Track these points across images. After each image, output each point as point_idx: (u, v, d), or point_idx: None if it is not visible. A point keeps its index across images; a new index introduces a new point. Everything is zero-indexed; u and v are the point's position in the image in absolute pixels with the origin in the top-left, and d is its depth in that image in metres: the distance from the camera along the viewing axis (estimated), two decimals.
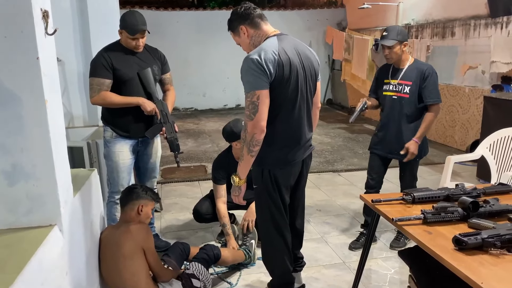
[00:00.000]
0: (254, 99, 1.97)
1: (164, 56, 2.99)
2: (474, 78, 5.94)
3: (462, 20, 6.11)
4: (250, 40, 2.14)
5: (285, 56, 2.03)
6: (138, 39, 2.73)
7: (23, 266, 1.27)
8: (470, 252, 1.59)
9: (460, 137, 6.24)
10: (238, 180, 2.14)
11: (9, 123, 1.46)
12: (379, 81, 3.14)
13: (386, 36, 2.92)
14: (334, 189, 4.50)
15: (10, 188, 1.51)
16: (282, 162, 2.17)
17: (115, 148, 2.84)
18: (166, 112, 2.82)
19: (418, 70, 2.94)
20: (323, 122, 8.45)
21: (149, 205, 2.38)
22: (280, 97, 2.05)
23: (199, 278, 2.43)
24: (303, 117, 2.18)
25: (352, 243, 3.23)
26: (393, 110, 3.01)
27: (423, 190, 2.12)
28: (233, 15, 2.15)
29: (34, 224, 1.55)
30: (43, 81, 1.47)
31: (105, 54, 2.73)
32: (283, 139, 2.14)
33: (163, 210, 4.05)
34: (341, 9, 10.37)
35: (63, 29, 3.48)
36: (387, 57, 2.98)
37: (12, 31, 1.41)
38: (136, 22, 2.67)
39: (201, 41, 9.67)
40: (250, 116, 1.98)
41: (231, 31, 2.20)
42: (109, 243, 2.26)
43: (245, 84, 2.02)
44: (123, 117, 2.80)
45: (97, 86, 2.69)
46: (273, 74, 1.98)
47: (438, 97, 2.95)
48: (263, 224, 2.33)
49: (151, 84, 2.80)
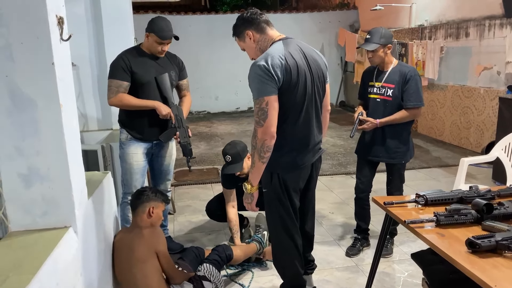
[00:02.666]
0: (263, 105, 1.97)
1: (182, 62, 3.04)
2: (489, 79, 5.86)
3: (476, 21, 6.04)
4: (256, 45, 2.14)
5: (292, 61, 2.03)
6: (165, 45, 2.78)
7: (39, 267, 1.29)
8: (484, 255, 1.57)
9: (475, 139, 6.16)
10: (250, 187, 2.15)
11: (25, 127, 1.50)
12: (365, 84, 3.12)
13: (369, 40, 2.89)
14: (347, 191, 4.48)
15: (26, 191, 1.55)
16: (291, 166, 2.17)
17: (130, 150, 2.88)
18: (181, 117, 2.85)
19: (400, 73, 2.91)
20: (335, 124, 8.42)
21: (160, 206, 2.39)
22: (288, 102, 2.05)
23: (210, 280, 2.44)
24: (311, 121, 2.18)
25: (349, 249, 3.18)
26: (377, 112, 2.97)
27: (436, 192, 2.11)
28: (239, 20, 2.16)
29: (50, 226, 1.58)
30: (58, 86, 1.50)
31: (125, 57, 2.78)
32: (292, 143, 2.14)
33: (176, 213, 4.08)
34: (354, 10, 10.34)
35: (77, 35, 3.55)
36: (370, 60, 2.96)
37: (28, 37, 1.44)
38: (167, 28, 2.74)
39: (214, 44, 9.73)
40: (259, 122, 1.99)
41: (236, 37, 2.21)
42: (122, 247, 2.28)
43: (253, 90, 2.02)
44: (138, 119, 2.84)
45: (115, 87, 2.74)
46: (281, 79, 1.99)
47: (419, 100, 2.91)
48: (273, 228, 2.33)
49: (168, 89, 2.84)
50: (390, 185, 3.13)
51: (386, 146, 2.98)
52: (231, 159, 3.01)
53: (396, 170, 3.06)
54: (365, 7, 9.00)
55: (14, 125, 1.50)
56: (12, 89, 1.47)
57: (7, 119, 1.49)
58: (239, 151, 3.02)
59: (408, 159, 3.06)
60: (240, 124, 8.75)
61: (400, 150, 2.99)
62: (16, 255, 1.40)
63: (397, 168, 3.05)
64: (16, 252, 1.42)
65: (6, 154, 1.51)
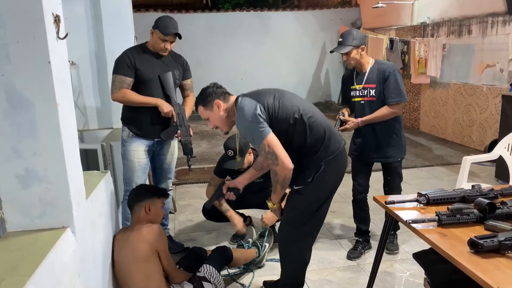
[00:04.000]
0: (266, 148, 2.08)
1: (187, 62, 3.05)
2: (492, 77, 5.82)
3: (479, 18, 6.00)
4: (224, 112, 2.26)
5: (262, 99, 2.16)
6: (168, 42, 2.79)
7: (35, 268, 1.28)
8: (486, 255, 1.55)
9: (478, 137, 6.12)
10: (272, 205, 2.34)
11: (22, 127, 1.48)
12: (346, 88, 3.08)
13: (341, 43, 2.87)
14: (348, 190, 4.43)
15: (23, 192, 1.53)
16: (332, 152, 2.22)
17: (131, 147, 2.88)
18: (182, 116, 2.86)
19: (379, 71, 2.88)
20: None
21: (157, 203, 2.37)
22: (289, 130, 2.17)
23: (210, 281, 2.42)
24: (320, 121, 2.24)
25: (350, 252, 3.14)
26: (364, 115, 2.94)
27: (438, 191, 2.08)
28: (205, 92, 2.31)
29: (47, 227, 1.56)
30: (54, 85, 1.48)
31: (130, 54, 2.80)
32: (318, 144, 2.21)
33: (177, 212, 4.07)
34: (355, 8, 10.29)
35: (77, 34, 3.55)
36: (346, 62, 2.93)
37: (24, 37, 1.42)
38: (171, 25, 2.76)
39: (215, 43, 9.70)
40: (274, 163, 2.10)
41: (202, 106, 2.30)
42: (122, 246, 2.27)
43: (252, 140, 2.16)
44: (140, 117, 2.85)
45: (119, 83, 2.76)
46: (266, 118, 2.11)
47: (400, 96, 2.86)
48: (294, 234, 2.30)
49: (171, 87, 2.85)
50: (388, 186, 3.09)
51: (379, 146, 2.96)
52: (233, 154, 3.00)
53: (393, 169, 3.04)
54: (367, 5, 8.96)
55: (11, 126, 1.48)
56: (8, 89, 1.45)
57: (4, 120, 1.47)
58: (241, 146, 3.00)
59: (403, 156, 3.04)
60: None
61: (394, 147, 2.97)
62: (12, 256, 1.38)
63: (393, 167, 3.03)
64: (13, 253, 1.40)
65: (3, 155, 1.49)
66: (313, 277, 2.83)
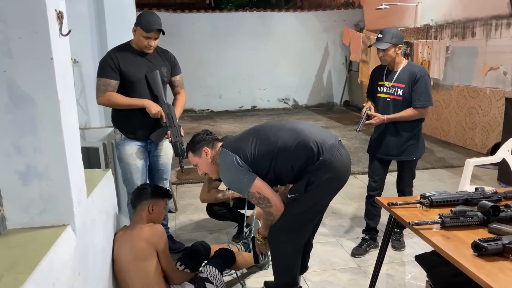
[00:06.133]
0: (257, 195, 2.14)
1: (175, 57, 2.97)
2: (496, 79, 5.79)
3: (483, 20, 5.98)
4: (211, 160, 2.30)
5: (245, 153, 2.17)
6: (151, 39, 2.71)
7: (35, 266, 1.27)
8: (490, 258, 1.54)
9: (481, 140, 6.10)
10: (262, 239, 2.39)
11: (23, 123, 1.47)
12: (374, 82, 3.14)
13: (380, 39, 2.91)
14: (350, 192, 4.44)
15: (23, 188, 1.52)
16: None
17: (125, 150, 2.86)
18: (172, 116, 2.79)
19: (410, 73, 2.94)
20: (340, 124, 8.37)
21: (160, 203, 2.37)
22: (273, 168, 2.18)
23: (213, 283, 2.41)
24: (295, 133, 2.21)
25: (355, 249, 3.15)
26: (387, 112, 2.99)
27: (441, 194, 2.07)
28: (196, 139, 2.34)
29: (47, 224, 1.55)
30: (56, 81, 1.47)
31: (113, 55, 2.73)
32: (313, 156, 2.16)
33: (178, 211, 4.06)
34: (359, 10, 10.28)
35: (80, 32, 3.54)
36: (381, 59, 2.97)
37: (26, 32, 1.41)
38: (153, 21, 2.67)
39: (217, 42, 9.69)
40: (267, 206, 2.17)
41: (192, 152, 2.34)
42: (122, 245, 2.26)
43: (240, 191, 2.22)
44: (129, 119, 2.80)
45: (103, 86, 2.70)
46: (249, 166, 2.15)
47: (428, 100, 2.94)
48: (286, 236, 2.27)
49: (158, 87, 2.78)
50: (401, 182, 3.14)
51: (397, 143, 3.00)
52: None
53: (407, 167, 3.08)
54: (370, 6, 8.94)
55: (12, 122, 1.47)
56: (10, 85, 1.44)
57: (5, 116, 1.46)
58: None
59: (419, 156, 3.08)
60: (244, 122, 8.72)
61: (412, 146, 3.01)
62: (12, 253, 1.37)
63: (408, 165, 3.07)
64: (12, 250, 1.39)
65: (3, 152, 1.48)
66: (314, 278, 2.81)
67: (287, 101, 10.59)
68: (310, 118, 9.07)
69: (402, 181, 3.13)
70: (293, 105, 10.61)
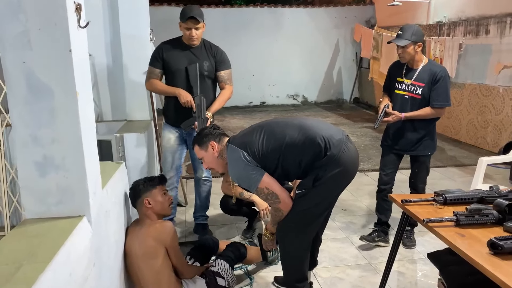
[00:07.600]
0: (265, 191, 2.13)
1: (222, 53, 3.09)
2: (509, 78, 5.72)
3: (497, 18, 5.90)
4: (218, 154, 2.30)
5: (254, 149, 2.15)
6: (191, 29, 2.88)
7: (53, 256, 1.28)
8: (506, 257, 1.53)
9: (493, 139, 6.04)
10: (269, 235, 2.38)
11: (41, 115, 1.49)
12: (391, 78, 3.12)
13: (400, 36, 2.90)
14: (360, 189, 4.43)
15: (41, 179, 1.53)
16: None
17: (164, 133, 3.16)
18: (202, 107, 2.88)
19: (430, 72, 2.92)
20: (349, 121, 8.33)
21: (154, 194, 2.30)
22: (281, 163, 2.16)
23: (223, 277, 2.41)
24: (313, 128, 2.19)
25: (364, 236, 3.18)
26: (404, 109, 2.98)
27: (455, 192, 2.05)
28: (204, 133, 2.35)
29: (64, 215, 1.57)
30: (75, 73, 1.48)
31: (161, 46, 3.01)
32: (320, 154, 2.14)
33: (188, 205, 4.07)
34: (370, 6, 10.20)
35: (93, 25, 3.53)
36: (400, 56, 2.97)
37: (46, 24, 1.42)
38: (189, 11, 2.88)
39: (228, 38, 9.65)
40: (275, 202, 2.16)
41: (198, 145, 2.33)
42: (133, 239, 2.26)
43: (248, 187, 2.22)
44: (169, 106, 3.10)
45: (149, 74, 3.02)
46: (257, 161, 2.14)
47: (447, 100, 2.94)
48: (294, 232, 2.26)
49: (195, 79, 2.93)
50: (414, 178, 3.13)
51: (413, 138, 3.01)
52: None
53: (422, 162, 3.09)
54: (382, 3, 8.86)
55: (31, 113, 1.49)
56: (29, 76, 1.45)
57: (24, 107, 1.48)
58: None
59: (433, 151, 3.10)
60: (253, 118, 8.71)
61: (427, 141, 3.03)
62: (30, 243, 1.39)
63: (422, 160, 3.08)
64: (30, 240, 1.41)
65: (22, 142, 1.50)
66: (324, 275, 2.81)
67: (297, 97, 10.56)
68: (320, 115, 9.03)
69: (416, 177, 3.12)
70: (303, 101, 10.57)
